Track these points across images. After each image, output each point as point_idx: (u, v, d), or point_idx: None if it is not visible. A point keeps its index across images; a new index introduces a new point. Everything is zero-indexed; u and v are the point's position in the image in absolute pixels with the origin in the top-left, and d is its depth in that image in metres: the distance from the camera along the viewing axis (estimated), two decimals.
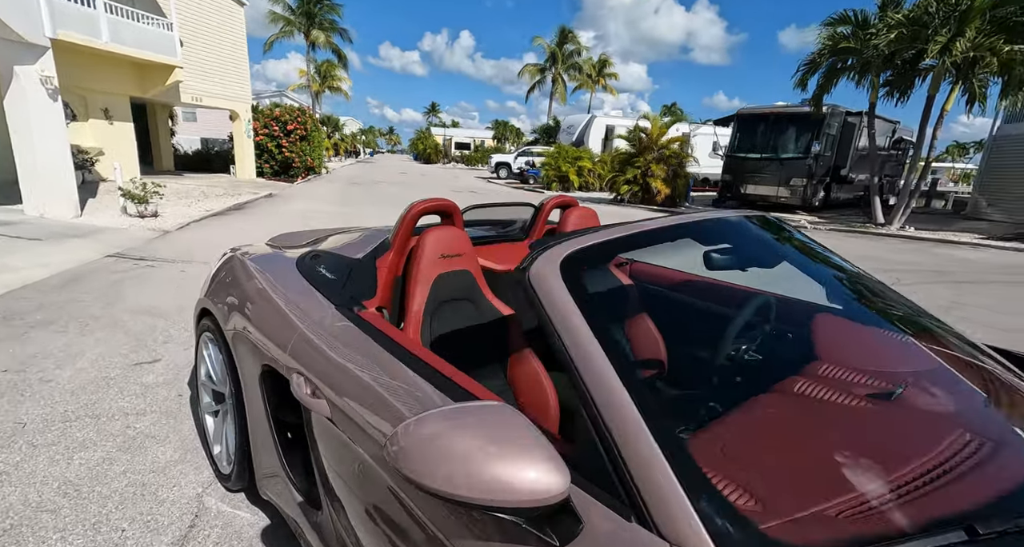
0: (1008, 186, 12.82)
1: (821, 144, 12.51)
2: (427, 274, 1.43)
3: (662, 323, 1.69)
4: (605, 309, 1.19)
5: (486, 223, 2.14)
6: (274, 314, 1.41)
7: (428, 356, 1.07)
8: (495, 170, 25.12)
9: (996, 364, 1.11)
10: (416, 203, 1.49)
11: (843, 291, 1.40)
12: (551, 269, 0.83)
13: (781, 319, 1.51)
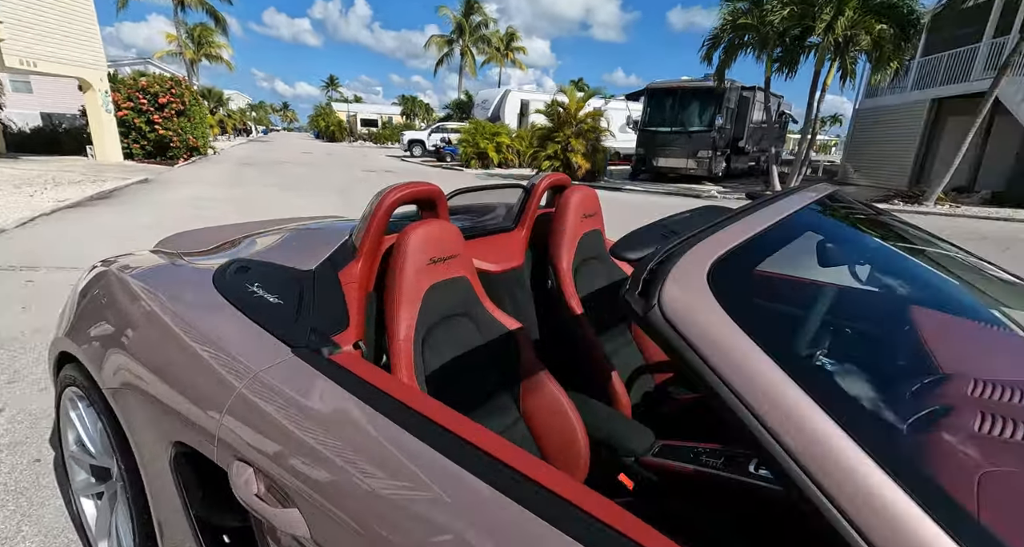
0: (869, 154, 14.71)
1: (723, 118, 13.35)
2: (414, 287, 1.07)
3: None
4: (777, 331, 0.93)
5: (462, 211, 1.76)
6: (188, 364, 0.94)
7: (435, 410, 0.74)
8: (408, 148, 23.84)
9: None
10: (390, 190, 1.09)
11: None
12: (697, 292, 0.53)
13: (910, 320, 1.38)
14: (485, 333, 1.20)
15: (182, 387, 0.92)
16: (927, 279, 1.13)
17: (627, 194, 12.32)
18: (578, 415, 1.14)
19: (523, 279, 1.61)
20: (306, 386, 0.80)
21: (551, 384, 1.17)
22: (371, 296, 1.14)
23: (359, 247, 1.09)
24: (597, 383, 1.43)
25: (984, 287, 1.25)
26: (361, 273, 1.09)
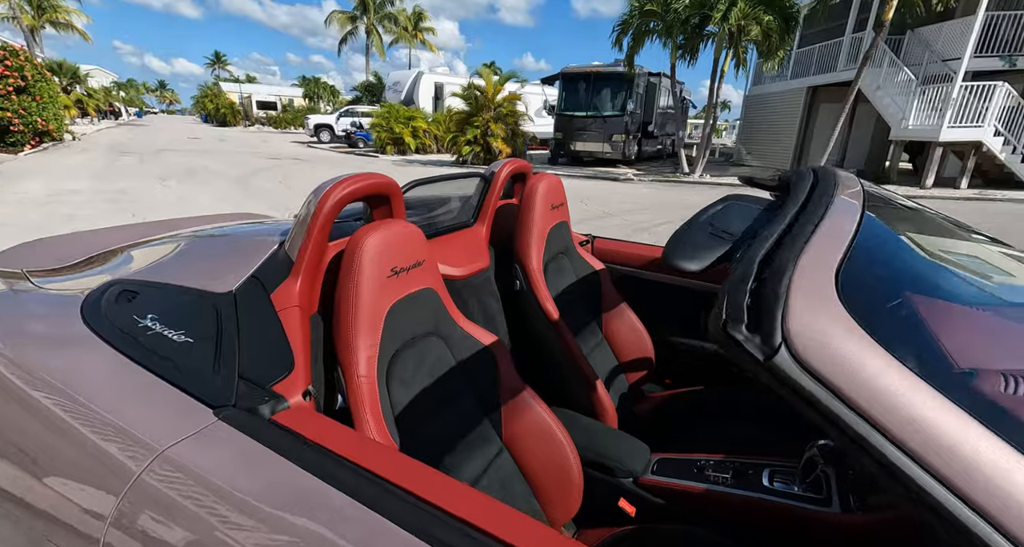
0: (758, 138, 16.23)
1: (634, 103, 13.91)
2: (373, 307, 0.87)
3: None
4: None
5: (411, 205, 1.55)
6: (48, 444, 0.66)
7: (418, 477, 0.58)
8: (315, 133, 22.10)
9: None
10: (335, 184, 0.87)
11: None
12: (832, 317, 0.39)
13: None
14: (458, 353, 1.03)
15: (41, 486, 0.64)
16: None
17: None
18: (568, 436, 1.02)
19: (491, 282, 1.44)
20: (241, 464, 0.58)
21: (536, 404, 1.03)
22: (316, 320, 0.91)
23: (296, 259, 0.86)
24: (581, 394, 1.32)
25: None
26: (301, 293, 0.86)
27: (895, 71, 10.68)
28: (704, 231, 0.63)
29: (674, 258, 0.59)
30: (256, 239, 1.07)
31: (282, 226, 1.17)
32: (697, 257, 0.56)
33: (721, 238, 0.60)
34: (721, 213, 0.79)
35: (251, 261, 0.90)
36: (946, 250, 0.97)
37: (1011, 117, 9.39)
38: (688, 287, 1.67)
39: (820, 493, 0.98)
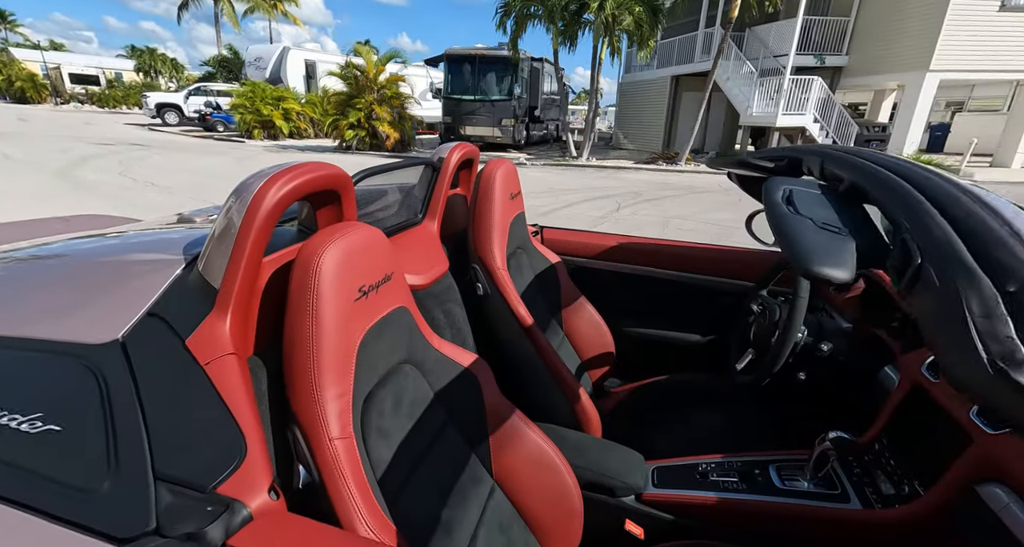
0: (633, 123, 17.57)
1: (521, 87, 14.07)
2: (342, 343, 0.68)
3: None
4: None
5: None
6: None
7: None
8: (157, 113, 18.77)
9: None
10: (271, 179, 0.64)
11: None
12: None
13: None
14: (436, 380, 0.87)
15: None
16: None
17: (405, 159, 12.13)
18: (564, 460, 0.91)
19: (454, 289, 1.28)
20: None
21: (528, 429, 0.91)
22: (255, 365, 0.68)
23: (223, 286, 0.62)
24: (563, 406, 1.22)
25: None
26: (234, 332, 0.63)
27: (740, 64, 12.23)
28: (810, 228, 0.53)
29: (819, 265, 0.47)
30: (140, 257, 0.78)
31: (175, 236, 0.89)
32: (840, 262, 0.46)
33: (834, 233, 0.51)
34: (795, 201, 0.66)
35: (141, 291, 0.63)
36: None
37: (823, 107, 11.35)
38: (643, 275, 1.67)
39: (834, 489, 0.95)
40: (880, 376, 1.09)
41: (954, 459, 0.79)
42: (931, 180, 0.50)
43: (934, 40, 10.42)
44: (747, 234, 1.31)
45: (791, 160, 0.88)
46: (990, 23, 10.44)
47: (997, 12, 10.41)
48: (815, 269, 0.48)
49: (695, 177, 10.38)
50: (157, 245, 0.88)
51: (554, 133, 18.49)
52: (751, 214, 1.62)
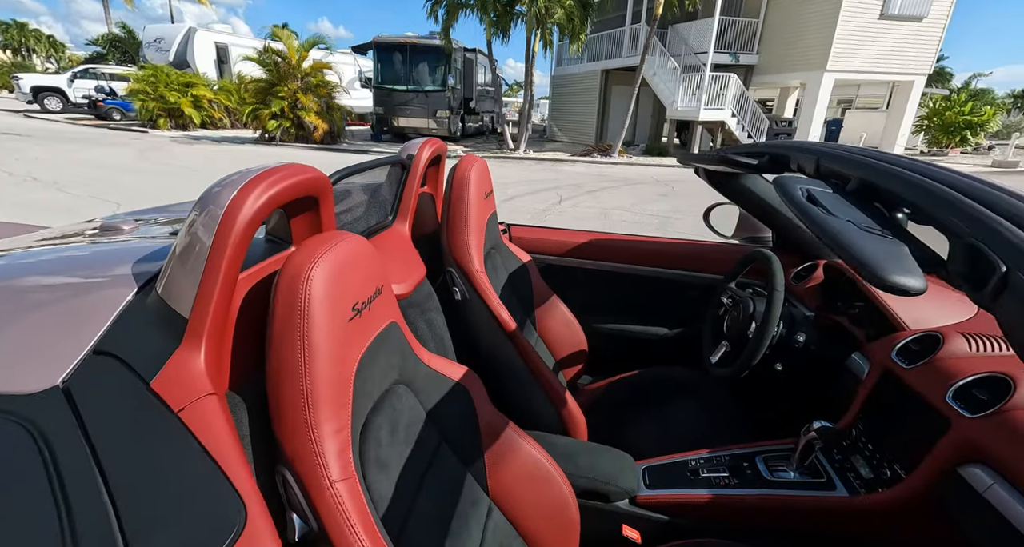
0: (566, 116, 17.91)
1: (455, 78, 13.83)
2: (337, 372, 0.61)
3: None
4: None
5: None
6: None
7: None
8: (35, 98, 16.35)
9: None
10: (247, 185, 0.56)
11: None
12: None
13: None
14: (427, 398, 0.81)
15: None
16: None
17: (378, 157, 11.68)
18: (559, 469, 0.87)
19: (433, 295, 1.21)
20: None
21: (522, 441, 0.86)
22: (234, 403, 0.59)
23: (193, 315, 0.53)
24: (549, 412, 1.19)
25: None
26: (209, 368, 0.53)
27: (665, 60, 12.82)
28: (855, 232, 0.50)
29: (895, 275, 0.43)
30: (73, 279, 0.64)
31: (111, 250, 0.77)
32: (910, 270, 0.43)
33: (880, 236, 0.49)
34: (821, 202, 0.60)
35: (82, 323, 0.51)
36: None
37: (739, 102, 12.24)
38: (611, 271, 1.69)
39: (820, 477, 0.97)
40: (848, 364, 1.12)
41: (934, 442, 0.81)
42: (949, 175, 0.50)
43: (829, 43, 11.57)
44: (682, 225, 1.35)
45: (772, 156, 0.89)
46: (872, 30, 11.77)
47: (877, 20, 11.75)
48: (892, 280, 0.42)
49: (628, 169, 10.81)
50: (92, 263, 0.73)
51: (489, 125, 18.41)
52: (709, 208, 1.70)
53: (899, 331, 1.04)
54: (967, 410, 0.79)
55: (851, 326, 1.18)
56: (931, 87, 14.96)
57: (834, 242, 0.48)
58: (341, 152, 12.15)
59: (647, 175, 9.84)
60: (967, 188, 0.46)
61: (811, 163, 0.73)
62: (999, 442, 0.72)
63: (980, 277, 0.38)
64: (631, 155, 12.61)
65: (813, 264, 1.39)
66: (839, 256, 0.47)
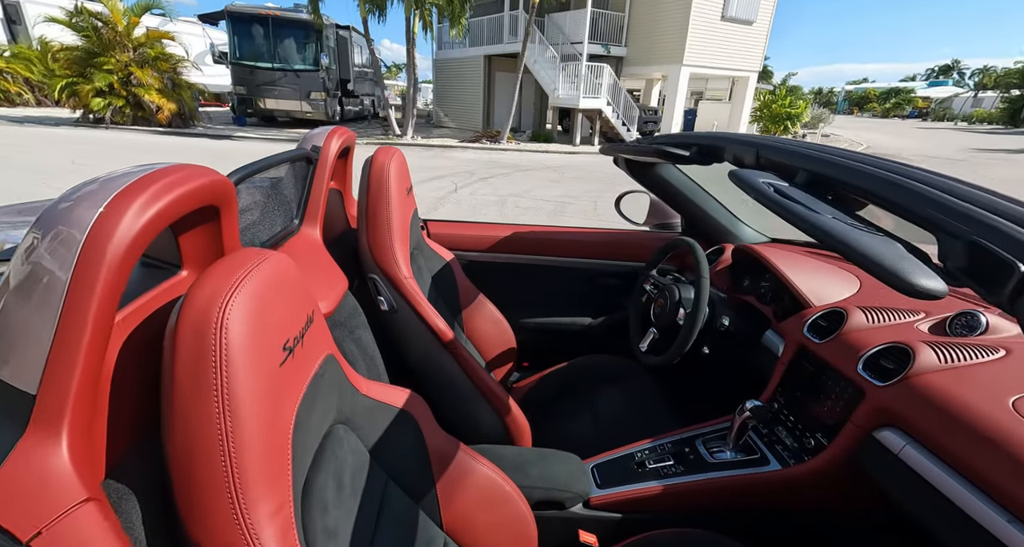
0: (452, 101, 17.63)
1: (328, 57, 12.74)
2: (271, 438, 0.48)
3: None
4: None
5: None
6: None
7: None
8: None
9: None
10: (119, 195, 0.42)
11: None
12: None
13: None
14: (369, 435, 0.70)
15: None
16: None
17: (246, 143, 10.39)
18: (512, 484, 0.82)
19: (359, 310, 1.08)
20: None
21: (474, 463, 0.80)
22: (114, 496, 0.45)
23: (42, 388, 0.39)
24: (494, 422, 1.13)
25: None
26: (76, 460, 0.40)
27: (544, 48, 13.22)
28: (862, 234, 0.46)
29: (918, 278, 0.39)
30: None
31: None
32: (924, 271, 0.40)
33: (880, 236, 0.46)
34: (792, 197, 0.57)
35: None
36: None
37: (613, 92, 13.14)
38: (534, 264, 1.68)
39: (754, 454, 1.00)
40: (765, 342, 1.18)
41: (852, 411, 0.86)
42: (909, 169, 0.50)
43: (683, 40, 12.90)
44: (576, 209, 1.38)
45: (703, 147, 0.90)
46: (716, 30, 13.38)
47: (719, 21, 13.38)
48: (922, 285, 0.39)
49: (518, 155, 11.04)
50: None
51: (371, 109, 17.40)
52: (619, 196, 1.78)
53: (806, 308, 1.10)
54: (877, 379, 0.84)
55: (760, 305, 1.25)
56: (760, 83, 17.54)
57: (846, 246, 0.44)
58: (196, 137, 10.57)
59: (536, 161, 10.15)
60: (941, 185, 0.46)
61: (750, 154, 0.74)
62: (907, 407, 0.78)
63: (990, 276, 0.37)
64: (519, 141, 12.87)
65: (720, 248, 1.48)
66: (852, 260, 0.44)
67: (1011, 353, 0.81)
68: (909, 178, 0.49)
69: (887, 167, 0.53)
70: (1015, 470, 0.62)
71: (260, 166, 0.91)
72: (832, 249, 0.46)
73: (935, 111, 42.31)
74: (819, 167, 0.60)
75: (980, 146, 15.67)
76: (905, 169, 0.52)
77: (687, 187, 1.49)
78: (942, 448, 0.72)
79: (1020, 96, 27.66)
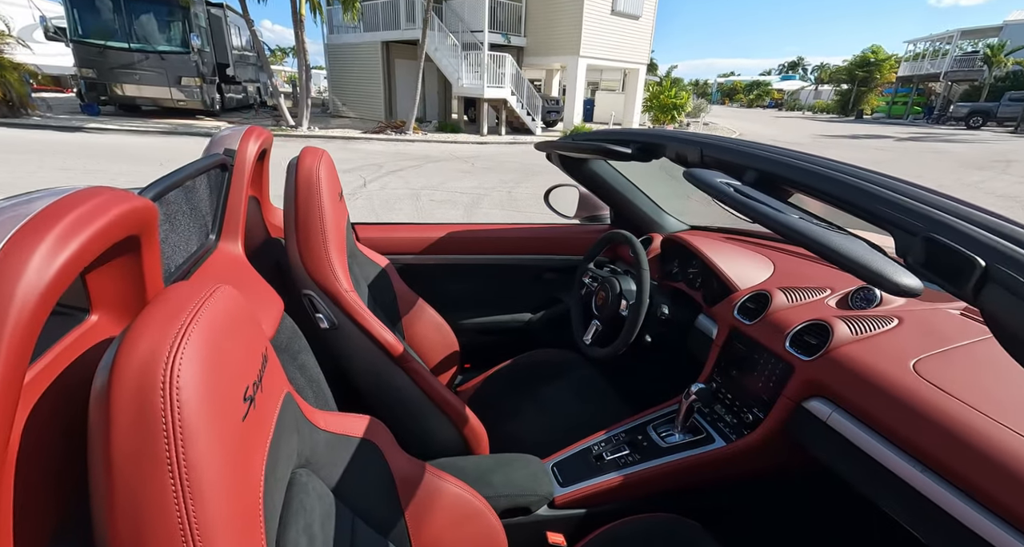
0: (350, 89, 16.62)
1: (201, 37, 11.30)
2: (242, 498, 0.41)
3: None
4: None
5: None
6: None
7: None
8: None
9: None
10: (21, 233, 0.34)
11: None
12: None
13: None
14: (332, 474, 0.65)
15: None
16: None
17: (104, 136, 8.90)
18: (480, 497, 0.80)
19: (298, 332, 0.98)
20: None
21: (441, 482, 0.76)
22: None
23: None
24: (452, 433, 1.10)
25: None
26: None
27: (444, 36, 12.94)
28: (835, 232, 0.47)
29: (902, 277, 0.40)
30: None
31: None
32: (904, 270, 0.41)
33: (847, 235, 0.47)
34: (754, 197, 0.56)
35: None
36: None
37: (516, 81, 13.30)
38: (470, 264, 1.65)
39: (700, 433, 1.05)
40: (698, 325, 1.23)
41: (783, 385, 0.91)
42: (857, 169, 0.52)
43: (579, 32, 13.41)
44: (492, 201, 1.38)
45: (643, 145, 0.91)
46: (607, 23, 14.09)
47: (610, 15, 14.11)
48: (904, 283, 0.39)
49: (426, 146, 10.78)
50: None
51: (256, 97, 15.81)
52: (548, 190, 1.81)
53: (734, 292, 1.16)
54: (803, 354, 0.91)
55: (690, 291, 1.31)
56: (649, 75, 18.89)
57: (826, 249, 0.45)
58: (34, 129, 8.85)
59: (446, 152, 9.99)
60: (891, 185, 0.48)
61: (694, 152, 0.74)
62: (831, 377, 0.84)
63: (952, 271, 0.39)
64: (425, 132, 12.56)
65: (648, 238, 1.55)
66: (831, 261, 0.45)
67: (903, 321, 0.90)
68: (859, 178, 0.51)
69: (836, 167, 0.55)
70: (920, 425, 0.70)
71: (176, 179, 0.80)
72: (809, 249, 0.47)
73: (787, 102, 48.85)
74: (770, 167, 0.61)
75: (825, 132, 18.41)
76: (851, 169, 0.54)
77: (616, 180, 1.55)
78: (862, 412, 0.79)
79: (848, 90, 32.94)
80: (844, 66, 33.99)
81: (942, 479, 0.67)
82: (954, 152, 12.41)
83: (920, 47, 29.22)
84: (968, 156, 11.59)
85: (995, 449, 0.63)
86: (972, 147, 13.66)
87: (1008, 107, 21.01)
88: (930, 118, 26.39)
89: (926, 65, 27.98)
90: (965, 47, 26.55)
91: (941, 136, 17.33)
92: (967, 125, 21.47)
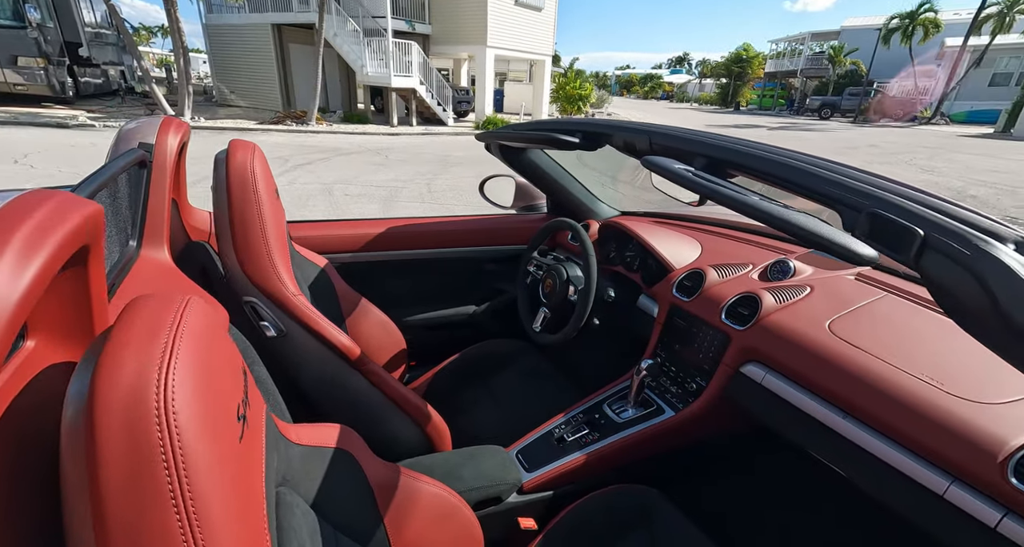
0: (238, 76, 15.05)
1: (41, 11, 9.55)
2: (249, 532, 0.38)
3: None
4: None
5: None
6: None
7: None
8: None
9: None
10: None
11: None
12: None
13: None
14: (309, 489, 0.63)
15: None
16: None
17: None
18: (455, 494, 0.80)
19: (245, 341, 0.87)
20: None
21: (416, 484, 0.76)
22: None
23: None
24: (414, 431, 1.08)
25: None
26: None
27: (344, 20, 12.19)
28: (795, 211, 0.50)
29: (860, 247, 0.45)
30: None
31: None
32: (860, 242, 0.46)
33: (798, 211, 0.51)
34: (723, 183, 0.59)
35: None
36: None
37: (424, 70, 12.97)
38: (411, 259, 1.61)
39: (651, 406, 1.11)
40: (639, 305, 1.29)
41: (721, 354, 0.99)
42: (795, 152, 0.57)
43: (485, 22, 13.37)
44: (410, 194, 1.39)
45: (588, 134, 0.92)
46: (512, 13, 14.20)
47: (514, 6, 14.24)
48: (864, 252, 0.44)
49: (333, 138, 10.17)
50: None
51: (120, 82, 13.75)
52: (483, 181, 1.82)
53: (670, 271, 1.24)
54: (737, 324, 1.00)
55: (629, 273, 1.38)
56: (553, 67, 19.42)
57: (792, 226, 0.49)
58: None
59: (356, 144, 9.52)
60: (830, 167, 0.53)
61: (643, 141, 0.77)
62: (763, 343, 0.94)
63: (895, 241, 0.43)
64: (330, 123, 11.83)
65: (586, 224, 1.60)
66: (797, 237, 0.49)
67: (815, 289, 1.01)
68: (805, 163, 0.55)
69: (781, 153, 0.59)
70: (839, 377, 0.80)
71: (104, 179, 0.70)
72: (773, 226, 0.51)
73: (677, 94, 53.09)
74: (721, 154, 0.65)
75: (712, 123, 20.32)
76: (794, 153, 0.59)
77: (554, 170, 1.59)
78: (791, 370, 0.88)
79: (727, 83, 36.59)
80: (722, 62, 37.64)
81: (858, 421, 0.79)
82: (813, 140, 14.38)
83: (781, 46, 33.31)
84: (823, 143, 13.50)
85: (895, 388, 0.76)
86: (825, 135, 15.91)
87: (848, 101, 25.00)
88: (792, 110, 30.40)
89: (786, 63, 32.03)
90: (815, 47, 30.66)
91: (802, 125, 20.01)
92: (819, 116, 24.99)
